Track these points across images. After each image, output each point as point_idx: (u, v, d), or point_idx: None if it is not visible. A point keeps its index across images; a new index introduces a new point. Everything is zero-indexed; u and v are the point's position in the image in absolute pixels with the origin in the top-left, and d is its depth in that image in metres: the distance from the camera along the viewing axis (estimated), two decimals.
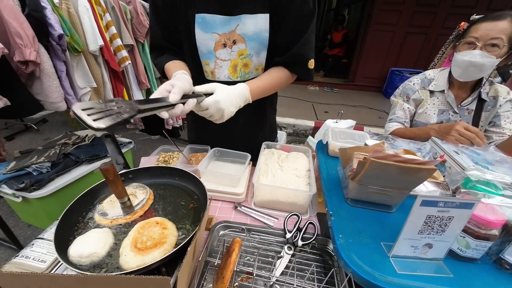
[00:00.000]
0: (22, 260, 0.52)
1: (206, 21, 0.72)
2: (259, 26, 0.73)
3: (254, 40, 0.75)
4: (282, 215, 0.77)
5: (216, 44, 0.76)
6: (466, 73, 0.97)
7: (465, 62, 0.93)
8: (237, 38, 0.75)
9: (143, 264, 0.44)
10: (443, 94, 1.08)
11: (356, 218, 0.62)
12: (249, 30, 0.74)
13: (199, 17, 0.72)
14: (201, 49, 0.78)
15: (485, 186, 0.54)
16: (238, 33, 0.74)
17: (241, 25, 0.73)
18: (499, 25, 0.86)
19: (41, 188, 1.37)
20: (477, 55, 0.90)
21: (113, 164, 0.52)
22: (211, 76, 0.83)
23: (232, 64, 0.80)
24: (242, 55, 0.78)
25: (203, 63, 0.81)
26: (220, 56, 0.78)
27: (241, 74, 0.83)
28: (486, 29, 0.88)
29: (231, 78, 0.82)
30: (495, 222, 0.46)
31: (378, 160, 0.53)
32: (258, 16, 0.72)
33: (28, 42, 1.21)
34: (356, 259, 0.50)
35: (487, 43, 0.88)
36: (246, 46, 0.77)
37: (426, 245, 0.49)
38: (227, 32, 0.74)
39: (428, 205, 0.44)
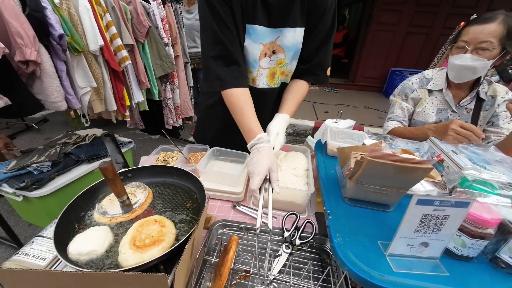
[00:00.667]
0: (22, 257, 0.52)
1: (257, 32, 0.77)
2: (296, 38, 0.80)
3: (291, 51, 0.83)
4: (280, 214, 0.78)
5: (260, 53, 0.81)
6: (460, 76, 0.98)
7: (457, 66, 0.95)
8: (277, 49, 0.82)
9: (141, 261, 0.45)
10: (442, 93, 1.09)
11: (354, 217, 0.63)
12: (288, 41, 0.81)
13: (250, 28, 0.76)
14: (248, 58, 0.82)
15: (481, 185, 0.55)
16: (278, 44, 0.81)
17: (282, 37, 0.80)
18: (487, 28, 0.87)
19: (41, 187, 1.38)
20: (468, 59, 0.91)
21: (112, 163, 0.53)
22: (251, 83, 0.88)
23: (271, 72, 0.87)
24: (281, 64, 0.86)
25: (247, 71, 0.86)
26: (262, 64, 0.84)
27: (278, 81, 0.90)
28: (474, 32, 0.89)
29: (269, 84, 0.89)
30: (491, 221, 0.46)
31: (375, 160, 0.53)
32: (297, 29, 0.79)
33: (29, 42, 1.22)
34: (353, 258, 0.51)
35: (476, 46, 0.89)
36: (285, 56, 0.84)
37: (422, 244, 0.49)
38: (268, 42, 0.80)
39: (424, 204, 0.44)
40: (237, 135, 0.99)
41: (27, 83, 1.40)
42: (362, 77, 4.98)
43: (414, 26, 4.35)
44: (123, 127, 2.72)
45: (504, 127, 0.99)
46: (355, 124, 1.67)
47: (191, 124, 3.35)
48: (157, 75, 2.13)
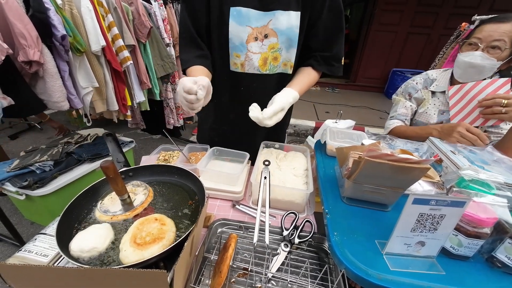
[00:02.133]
0: (25, 254, 0.53)
1: (242, 14, 0.76)
2: (290, 22, 0.78)
3: (285, 35, 0.80)
4: (279, 214, 0.78)
5: (248, 37, 0.79)
6: (466, 74, 0.97)
7: (465, 63, 0.94)
8: (269, 32, 0.80)
9: (141, 258, 0.45)
10: (444, 95, 1.09)
11: (352, 217, 0.63)
12: (281, 25, 0.78)
13: (234, 10, 0.76)
14: (234, 41, 0.81)
15: (478, 185, 0.55)
16: (270, 27, 0.79)
17: (274, 20, 0.78)
18: (503, 27, 0.86)
19: (44, 186, 1.39)
20: (478, 57, 0.90)
21: (113, 162, 0.54)
22: (240, 68, 0.86)
23: (262, 57, 0.84)
24: (273, 48, 0.83)
25: (234, 55, 0.84)
26: (251, 49, 0.82)
27: (270, 67, 0.87)
28: (489, 30, 0.88)
29: (261, 70, 0.86)
30: (487, 221, 0.46)
31: (372, 159, 0.54)
32: (290, 13, 0.77)
33: (32, 42, 1.23)
34: (350, 256, 0.51)
35: (489, 44, 0.88)
36: (277, 40, 0.81)
37: (419, 243, 0.50)
38: (259, 26, 0.78)
39: (420, 203, 0.45)
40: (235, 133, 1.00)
41: (30, 83, 1.42)
42: (363, 77, 4.97)
43: (415, 27, 4.34)
44: (124, 126, 2.73)
45: (504, 128, 0.99)
46: (356, 125, 1.68)
47: (192, 124, 3.36)
48: (158, 75, 2.14)
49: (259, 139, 1.01)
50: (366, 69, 4.86)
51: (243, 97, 0.90)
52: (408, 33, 4.41)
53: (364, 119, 3.52)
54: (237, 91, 0.91)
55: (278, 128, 1.05)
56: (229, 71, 0.87)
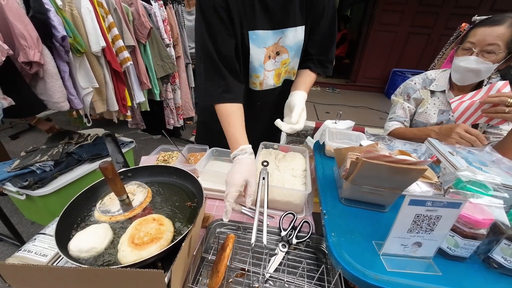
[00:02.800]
0: (24, 254, 0.54)
1: (259, 37, 0.78)
2: (298, 37, 0.81)
3: (294, 50, 0.84)
4: (278, 214, 0.79)
5: (265, 57, 0.82)
6: (463, 78, 0.98)
7: (461, 67, 0.95)
8: (280, 50, 0.83)
9: (139, 258, 0.46)
10: (444, 94, 1.08)
11: (349, 217, 0.63)
12: (290, 41, 0.81)
13: (253, 34, 0.77)
14: (254, 64, 0.83)
15: (475, 186, 0.55)
16: (281, 45, 0.82)
17: (284, 37, 0.81)
18: (496, 30, 0.86)
19: (44, 186, 1.40)
20: (473, 61, 0.90)
21: (112, 163, 0.54)
22: (259, 86, 0.90)
23: (276, 73, 0.89)
24: (285, 64, 0.87)
25: (253, 76, 0.87)
26: (267, 67, 0.85)
27: (282, 80, 0.93)
28: (482, 34, 0.88)
29: (275, 85, 0.91)
30: (483, 222, 0.47)
31: (369, 160, 0.54)
32: (297, 28, 0.80)
33: (32, 43, 1.24)
34: (347, 257, 0.52)
35: (483, 49, 0.88)
36: (288, 56, 0.85)
37: (416, 244, 0.50)
38: (271, 45, 0.81)
39: (416, 204, 0.45)
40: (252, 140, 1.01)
41: (30, 84, 1.42)
42: (363, 77, 4.97)
43: (416, 27, 4.33)
44: (124, 127, 2.74)
45: (504, 128, 0.99)
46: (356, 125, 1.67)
47: (192, 124, 3.37)
48: (158, 76, 2.14)
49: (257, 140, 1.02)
50: (366, 69, 4.86)
51: (257, 109, 0.95)
52: (408, 33, 4.41)
53: (364, 120, 3.52)
54: (254, 105, 0.94)
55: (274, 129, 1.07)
56: (248, 89, 0.90)
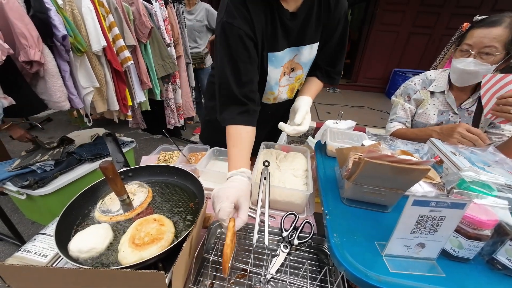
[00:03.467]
0: (24, 254, 0.53)
1: (277, 57, 0.78)
2: (312, 53, 0.83)
3: (307, 66, 0.87)
4: (279, 214, 0.78)
5: (280, 75, 0.83)
6: (462, 79, 0.98)
7: (459, 69, 0.95)
8: (295, 66, 0.84)
9: (140, 259, 0.45)
10: (443, 95, 1.08)
11: (351, 218, 0.63)
12: (305, 58, 0.83)
13: (272, 56, 0.77)
14: (271, 83, 0.84)
15: (479, 187, 0.55)
16: (296, 61, 0.83)
17: (299, 55, 0.82)
18: (493, 32, 0.85)
19: (44, 186, 1.40)
20: (471, 63, 0.90)
21: (112, 162, 0.54)
22: (272, 101, 0.92)
23: (290, 88, 0.91)
24: (299, 79, 0.89)
25: (269, 93, 0.88)
26: (282, 83, 0.87)
27: (295, 93, 0.95)
28: (479, 36, 0.87)
29: (288, 98, 0.94)
30: (487, 223, 0.46)
31: (372, 160, 0.53)
32: (313, 45, 0.81)
33: (33, 42, 1.23)
34: (350, 258, 0.51)
35: (480, 50, 0.88)
36: (303, 72, 0.87)
37: (419, 245, 0.49)
38: (287, 62, 0.82)
39: (420, 205, 0.45)
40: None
41: (31, 83, 1.42)
42: (364, 77, 4.97)
43: (417, 27, 4.33)
44: (125, 126, 2.74)
45: (505, 128, 0.98)
46: (357, 125, 1.67)
47: (193, 124, 3.36)
48: (159, 75, 2.14)
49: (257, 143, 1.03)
50: (367, 69, 4.86)
51: (266, 118, 0.95)
52: (409, 33, 4.41)
53: (365, 120, 3.51)
54: (265, 116, 0.91)
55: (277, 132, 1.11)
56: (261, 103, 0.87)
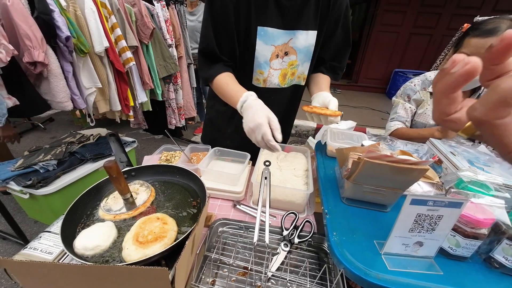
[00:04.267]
0: (30, 251, 0.54)
1: (268, 34, 0.79)
2: (308, 41, 0.83)
3: (303, 53, 0.85)
4: (280, 214, 0.79)
5: (272, 55, 0.83)
6: None
7: None
8: (290, 50, 0.84)
9: (143, 256, 0.46)
10: None
11: (351, 217, 0.64)
12: (300, 44, 0.83)
13: (261, 30, 0.78)
14: (259, 59, 0.84)
15: (477, 186, 0.55)
16: (290, 45, 0.83)
17: (294, 39, 0.82)
18: (489, 42, 0.84)
19: (47, 185, 1.41)
20: None
21: (116, 162, 0.55)
22: (262, 83, 0.90)
23: (282, 73, 0.89)
24: (292, 65, 0.88)
25: (257, 72, 0.87)
26: (273, 66, 0.86)
27: (288, 81, 0.92)
28: (476, 46, 0.87)
29: (280, 85, 0.91)
30: (484, 222, 0.47)
31: (371, 160, 0.54)
32: (309, 32, 0.81)
33: (37, 43, 1.25)
34: (349, 256, 0.52)
35: None
36: (296, 58, 0.86)
37: (417, 243, 0.50)
38: (281, 44, 0.82)
39: (418, 204, 0.45)
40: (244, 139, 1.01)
41: (34, 84, 1.44)
42: (365, 78, 4.97)
43: (418, 27, 4.33)
44: (127, 127, 2.76)
45: None
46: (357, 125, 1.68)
47: (194, 124, 3.38)
48: (160, 76, 2.16)
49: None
50: (368, 69, 4.86)
51: None
52: (410, 33, 4.41)
53: (366, 120, 3.52)
54: None
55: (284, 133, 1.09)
56: (250, 85, 0.90)
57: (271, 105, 0.93)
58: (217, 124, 1.09)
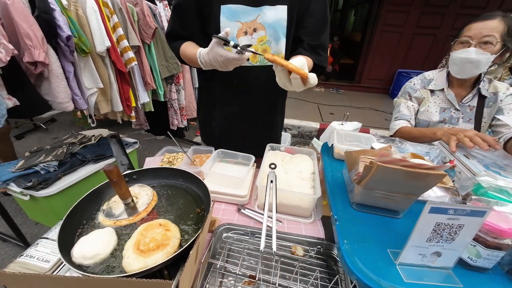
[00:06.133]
0: (26, 259, 0.52)
1: (231, 10, 0.81)
2: (278, 15, 0.83)
3: (272, 28, 0.85)
4: (286, 218, 0.76)
5: (238, 31, 0.84)
6: (463, 70, 0.99)
7: (461, 59, 0.96)
8: (258, 26, 0.85)
9: (145, 266, 0.44)
10: (443, 92, 1.10)
11: (362, 223, 0.61)
12: (268, 19, 0.83)
13: (224, 8, 0.81)
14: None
15: (497, 193, 0.52)
16: (259, 21, 0.84)
17: (262, 15, 0.83)
18: (490, 24, 0.90)
19: (48, 187, 1.39)
20: (472, 52, 0.93)
21: (116, 166, 0.52)
22: None
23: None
24: (262, 41, 0.87)
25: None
26: (242, 42, 0.84)
27: (260, 59, 0.90)
28: (478, 28, 0.92)
29: (251, 62, 0.90)
30: (508, 231, 0.44)
31: (385, 165, 0.51)
32: (277, 7, 0.82)
33: (37, 43, 1.23)
34: (361, 266, 0.49)
35: (480, 41, 0.92)
36: (265, 33, 0.86)
37: (435, 253, 0.47)
38: (248, 21, 0.83)
39: (437, 212, 0.43)
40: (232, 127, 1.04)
41: (35, 84, 1.42)
42: (368, 78, 4.92)
43: (421, 27, 4.29)
44: (128, 127, 2.74)
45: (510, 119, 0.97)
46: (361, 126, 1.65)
47: (196, 125, 3.36)
48: (163, 76, 2.14)
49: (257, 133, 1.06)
50: (371, 70, 4.82)
51: (238, 89, 0.95)
52: (413, 34, 4.36)
53: (369, 121, 3.48)
54: (231, 83, 0.95)
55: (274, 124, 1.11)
56: None
57: (247, 86, 0.95)
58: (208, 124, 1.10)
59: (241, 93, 0.96)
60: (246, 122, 1.03)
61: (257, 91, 0.96)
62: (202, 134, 1.19)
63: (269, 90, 0.94)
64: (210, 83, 1.00)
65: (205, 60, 0.74)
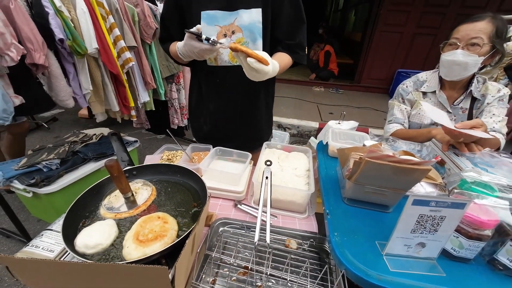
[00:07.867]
0: (32, 249, 0.55)
1: (210, 16, 0.89)
2: (253, 18, 0.89)
3: (249, 30, 0.91)
4: (281, 213, 0.79)
5: (218, 34, 0.91)
6: (451, 72, 0.99)
7: (449, 61, 0.97)
8: (235, 29, 0.91)
9: (144, 255, 0.46)
10: (435, 95, 1.10)
11: (352, 217, 0.63)
12: (244, 21, 0.89)
13: (204, 14, 0.88)
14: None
15: (480, 187, 0.55)
16: (236, 24, 0.90)
17: (239, 18, 0.89)
18: (478, 25, 0.91)
19: (50, 184, 1.42)
20: (459, 54, 0.93)
21: (117, 161, 0.55)
22: (214, 62, 0.97)
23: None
24: (240, 42, 0.93)
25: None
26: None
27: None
28: (465, 30, 0.93)
29: (231, 62, 0.96)
30: (488, 223, 0.46)
31: (373, 160, 0.54)
32: (252, 10, 0.88)
33: (38, 46, 1.26)
34: (350, 257, 0.51)
35: (468, 42, 0.92)
36: (243, 35, 0.92)
37: (419, 244, 0.50)
38: (227, 24, 0.90)
39: (420, 204, 0.45)
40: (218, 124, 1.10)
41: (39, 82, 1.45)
42: (368, 78, 4.93)
43: (422, 27, 4.29)
44: (129, 126, 2.77)
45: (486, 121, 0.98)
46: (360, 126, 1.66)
47: None
48: (163, 76, 2.16)
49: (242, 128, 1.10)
50: (371, 70, 4.83)
51: (220, 87, 1.02)
52: (414, 34, 4.37)
53: (369, 121, 3.50)
54: (213, 83, 1.02)
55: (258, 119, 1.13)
56: (206, 66, 0.98)
57: (229, 85, 1.01)
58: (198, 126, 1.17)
59: (223, 91, 1.02)
60: (230, 118, 1.08)
61: (238, 88, 1.01)
62: (193, 130, 1.24)
63: (249, 87, 0.98)
64: (197, 82, 1.07)
65: (182, 52, 0.84)
